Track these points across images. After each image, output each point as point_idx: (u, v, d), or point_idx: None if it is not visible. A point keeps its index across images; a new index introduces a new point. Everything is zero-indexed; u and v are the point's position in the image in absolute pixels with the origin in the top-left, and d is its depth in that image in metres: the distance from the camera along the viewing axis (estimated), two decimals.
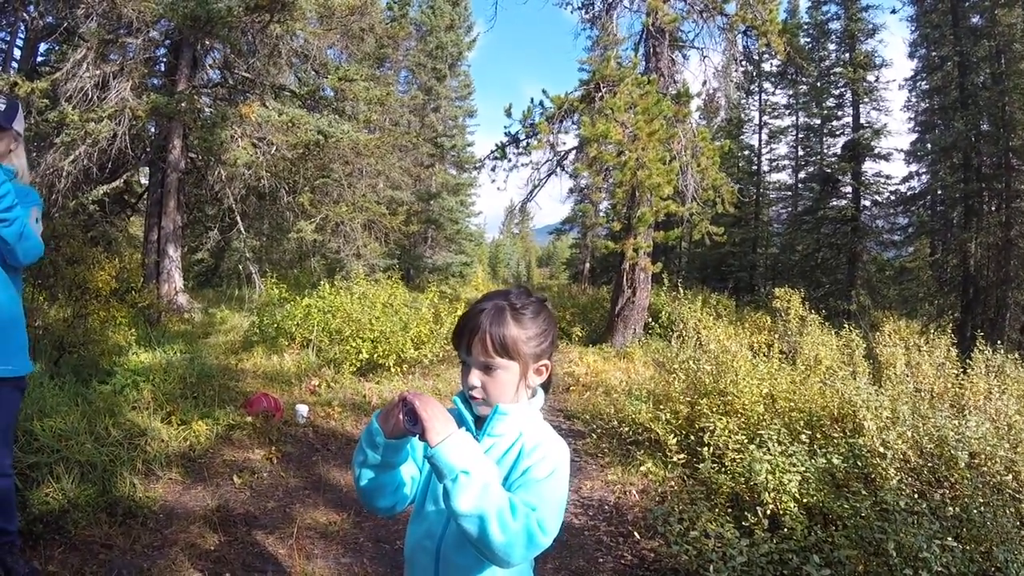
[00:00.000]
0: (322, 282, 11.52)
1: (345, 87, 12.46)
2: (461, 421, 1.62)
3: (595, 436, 6.50)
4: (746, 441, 4.74)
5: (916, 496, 3.76)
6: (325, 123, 11.66)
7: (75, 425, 4.73)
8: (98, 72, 10.40)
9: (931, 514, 3.47)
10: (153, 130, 12.25)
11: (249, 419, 6.11)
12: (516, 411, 1.61)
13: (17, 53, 13.38)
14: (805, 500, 3.99)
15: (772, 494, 3.99)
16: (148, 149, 12.28)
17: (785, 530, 3.72)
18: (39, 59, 13.19)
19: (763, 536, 3.59)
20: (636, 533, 4.37)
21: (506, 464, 1.57)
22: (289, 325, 9.78)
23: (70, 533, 3.67)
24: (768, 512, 3.87)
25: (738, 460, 4.55)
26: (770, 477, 4.07)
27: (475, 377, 1.59)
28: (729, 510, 4.23)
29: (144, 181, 13.76)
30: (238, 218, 13.05)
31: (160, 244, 12.15)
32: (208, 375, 7.18)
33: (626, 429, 6.48)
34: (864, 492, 3.81)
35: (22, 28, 13.09)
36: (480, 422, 1.64)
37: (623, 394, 7.49)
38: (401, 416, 1.49)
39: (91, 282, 7.14)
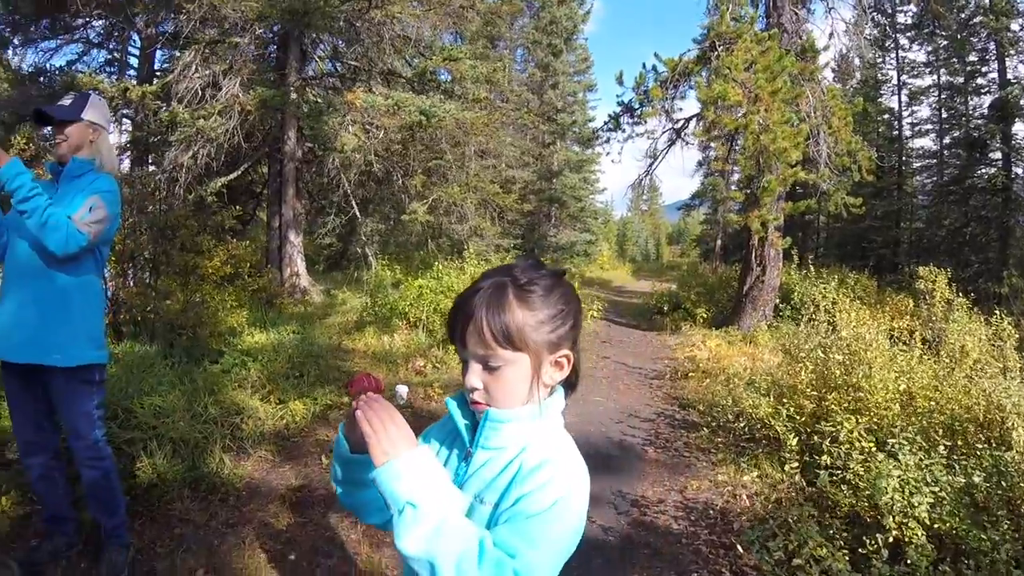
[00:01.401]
0: (435, 263, 11.68)
1: (450, 67, 12.48)
2: (454, 431, 1.37)
3: (709, 429, 6.09)
4: (874, 448, 4.08)
5: None
6: (428, 104, 11.70)
7: (174, 403, 4.92)
8: (207, 72, 10.95)
9: None
10: (272, 123, 12.69)
11: (346, 399, 6.20)
12: (518, 417, 1.27)
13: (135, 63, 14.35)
14: (936, 526, 3.37)
15: (897, 517, 3.40)
16: (263, 141, 12.77)
17: (908, 563, 3.17)
18: (156, 66, 14.05)
19: (880, 569, 3.06)
20: (739, 546, 3.83)
21: (498, 487, 1.24)
22: (402, 306, 9.95)
23: (153, 507, 3.82)
24: (891, 539, 3.25)
25: (862, 473, 3.94)
26: (897, 496, 3.47)
27: (475, 376, 1.26)
28: (844, 532, 3.64)
29: None
30: (353, 203, 13.36)
31: (282, 231, 12.66)
32: (316, 355, 7.34)
33: (742, 424, 5.93)
34: (1008, 521, 3.21)
35: (137, 39, 13.97)
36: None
37: (744, 384, 6.96)
38: None
39: (202, 268, 7.48)
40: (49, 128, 3.14)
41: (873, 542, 3.19)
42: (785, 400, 5.74)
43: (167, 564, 3.30)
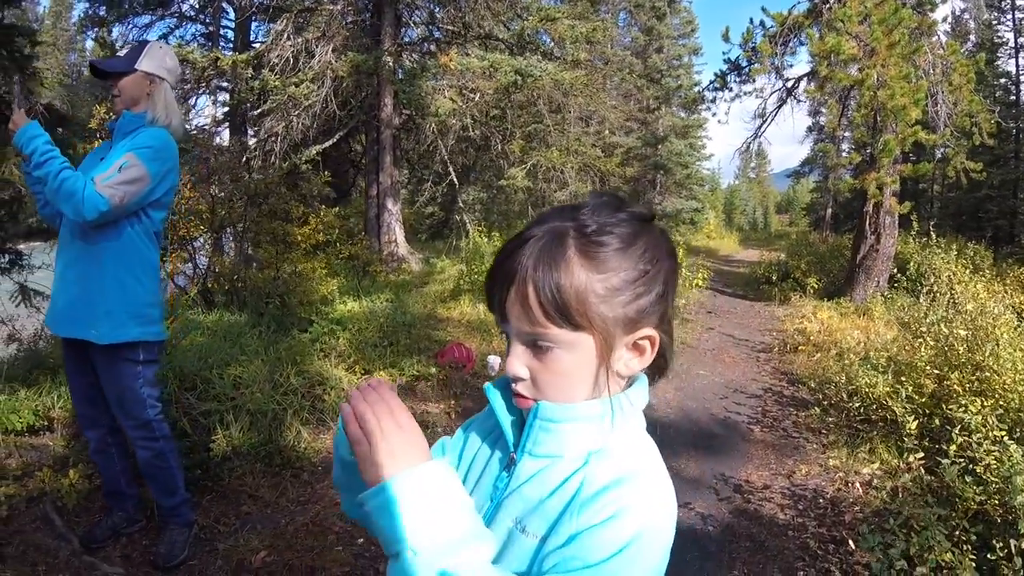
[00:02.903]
0: None
1: (548, 27, 12.04)
2: (497, 427, 0.98)
3: (820, 408, 5.52)
4: (1006, 437, 3.50)
5: None
6: (524, 64, 11.34)
7: (255, 373, 4.80)
8: (300, 40, 10.96)
9: None
10: (368, 91, 12.63)
11: (434, 370, 6.01)
12: (581, 416, 0.89)
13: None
14: None
15: None
16: (359, 109, 12.73)
17: None
18: (252, 38, 14.34)
19: None
20: (851, 541, 3.29)
21: (548, 514, 0.86)
22: None
23: (223, 481, 3.69)
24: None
25: (993, 465, 3.40)
26: None
27: (518, 361, 0.89)
28: (971, 533, 3.13)
29: None
30: (451, 170, 13.21)
31: (379, 199, 12.63)
32: (408, 324, 7.18)
33: (857, 404, 5.34)
34: None
35: (231, 11, 14.15)
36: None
37: (858, 359, 6.33)
38: None
39: (291, 235, 7.41)
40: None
41: (1004, 547, 2.78)
42: (903, 379, 5.16)
43: (229, 544, 3.14)
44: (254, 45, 13.32)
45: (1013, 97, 23.98)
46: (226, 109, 13.54)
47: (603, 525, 0.80)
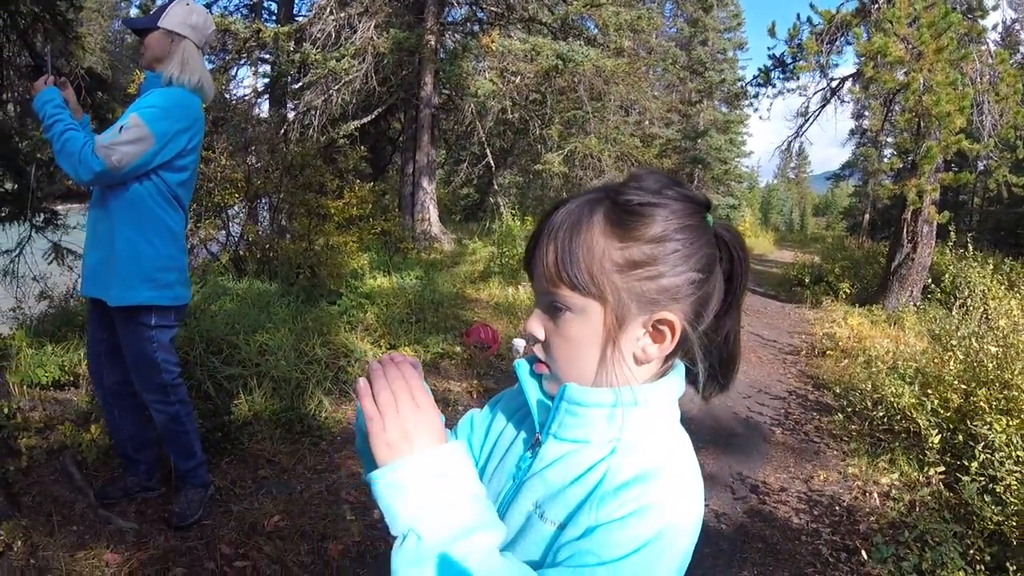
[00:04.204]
0: None
1: (592, 13, 11.92)
2: (525, 406, 0.94)
3: (843, 415, 5.44)
4: None
5: None
6: (566, 48, 11.26)
7: (281, 341, 4.83)
8: (343, 14, 10.98)
9: None
10: (408, 69, 12.64)
11: (459, 349, 6.01)
12: (609, 401, 0.83)
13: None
14: None
15: None
16: (399, 87, 12.74)
17: None
18: (295, 11, 14.32)
19: None
20: (864, 552, 3.23)
21: (568, 501, 0.83)
22: None
23: (243, 445, 3.71)
24: None
25: (1014, 486, 3.35)
26: None
27: (535, 321, 0.88)
28: (986, 552, 3.07)
29: None
30: (488, 152, 13.18)
31: (415, 177, 12.64)
32: (436, 302, 7.21)
33: (881, 413, 5.23)
34: None
35: None
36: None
37: (885, 368, 6.22)
38: None
39: (325, 208, 7.43)
40: None
41: (1018, 569, 2.82)
42: (930, 391, 5.07)
43: (244, 506, 3.16)
44: (297, 18, 13.38)
45: None
46: (267, 81, 13.63)
47: (622, 521, 0.76)
